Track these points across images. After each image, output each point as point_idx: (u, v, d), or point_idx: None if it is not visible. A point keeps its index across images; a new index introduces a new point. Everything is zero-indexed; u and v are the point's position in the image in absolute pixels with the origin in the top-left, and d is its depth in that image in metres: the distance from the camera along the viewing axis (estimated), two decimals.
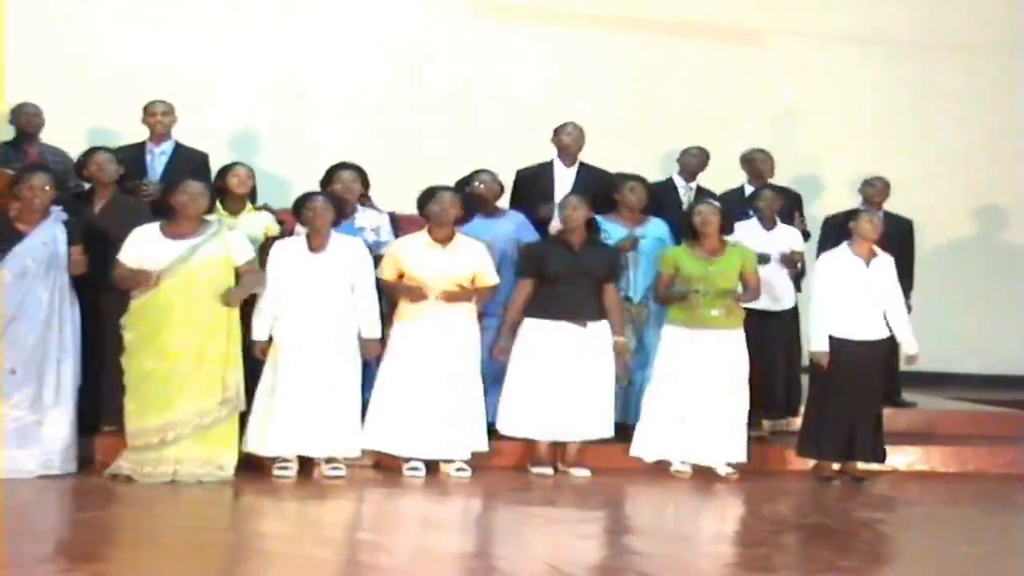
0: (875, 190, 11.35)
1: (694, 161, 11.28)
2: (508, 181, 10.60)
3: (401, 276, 9.39)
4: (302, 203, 9.20)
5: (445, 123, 13.67)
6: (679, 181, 11.20)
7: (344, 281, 9.16)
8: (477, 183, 10.16)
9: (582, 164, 10.86)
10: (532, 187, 10.68)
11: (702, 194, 11.00)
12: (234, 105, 13.18)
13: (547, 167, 10.83)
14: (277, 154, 12.98)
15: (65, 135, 10.68)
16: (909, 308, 10.75)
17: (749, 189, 11.22)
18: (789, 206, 11.08)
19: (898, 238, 11.23)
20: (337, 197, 9.48)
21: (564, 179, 10.73)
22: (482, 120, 13.73)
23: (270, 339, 9.08)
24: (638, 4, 14.46)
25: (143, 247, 8.81)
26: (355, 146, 11.47)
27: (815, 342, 9.83)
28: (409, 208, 9.96)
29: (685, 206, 10.83)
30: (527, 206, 10.50)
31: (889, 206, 11.41)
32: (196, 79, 12.82)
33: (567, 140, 10.83)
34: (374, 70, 13.82)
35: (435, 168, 10.59)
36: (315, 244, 9.15)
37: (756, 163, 11.29)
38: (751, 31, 14.72)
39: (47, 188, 8.81)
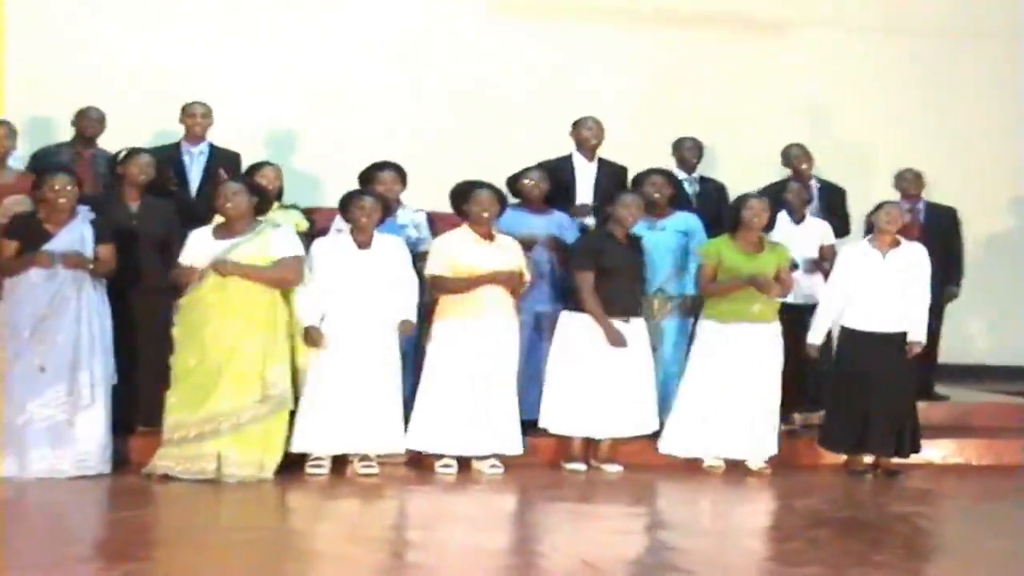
0: (907, 182, 11.38)
1: (689, 153, 11.26)
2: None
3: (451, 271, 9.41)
4: (349, 201, 9.23)
5: (465, 121, 13.65)
6: (681, 174, 11.13)
7: (389, 278, 9.20)
8: (527, 179, 10.19)
9: (602, 159, 10.87)
10: (553, 181, 10.60)
11: (706, 185, 11.14)
12: (261, 105, 13.16)
13: (567, 161, 10.82)
14: (305, 153, 13.04)
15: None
16: (955, 296, 10.80)
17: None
18: (836, 202, 11.22)
19: (941, 228, 11.27)
20: (383, 196, 9.53)
21: (585, 174, 10.75)
22: (505, 116, 13.69)
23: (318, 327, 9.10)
24: None
25: (196, 247, 8.88)
26: (384, 145, 11.44)
27: (811, 334, 9.92)
28: (436, 205, 10.09)
29: (694, 200, 10.94)
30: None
31: (927, 196, 11.42)
32: (226, 78, 12.85)
33: (587, 134, 10.82)
34: (401, 70, 13.80)
35: (461, 166, 10.61)
36: (362, 241, 9.19)
37: (789, 157, 11.29)
38: (771, 22, 14.68)
39: (69, 188, 8.85)
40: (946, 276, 11.11)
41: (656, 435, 9.81)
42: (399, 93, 13.70)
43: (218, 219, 9.04)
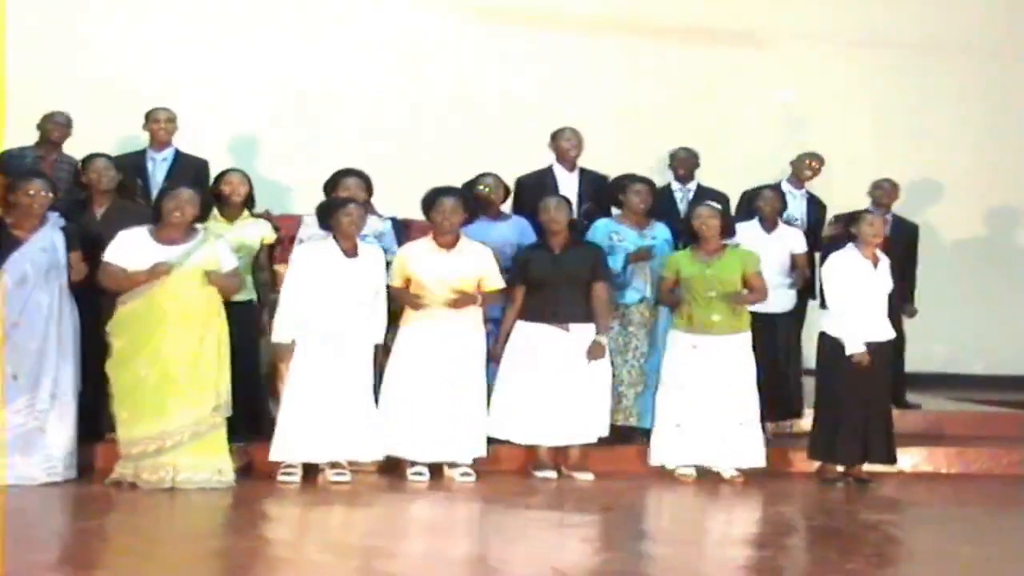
0: (883, 192, 11.44)
1: (685, 164, 11.30)
2: (508, 183, 10.59)
3: (408, 281, 9.41)
4: (336, 209, 9.20)
5: (444, 127, 13.78)
6: (676, 185, 11.20)
7: (372, 286, 9.21)
8: (482, 186, 10.18)
9: (583, 169, 10.88)
10: (536, 194, 10.53)
11: (704, 194, 11.02)
12: (234, 111, 13.24)
13: (547, 173, 10.83)
14: (277, 160, 13.03)
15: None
16: (914, 314, 10.86)
17: (787, 188, 11.29)
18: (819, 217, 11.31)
19: (905, 242, 11.33)
20: (366, 204, 9.52)
21: (567, 184, 10.74)
22: (481, 124, 13.79)
23: (291, 343, 9.10)
24: (637, 9, 14.52)
25: (131, 250, 8.77)
26: (355, 151, 11.46)
27: (851, 345, 9.74)
28: (408, 211, 10.06)
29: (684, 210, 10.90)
30: (528, 212, 10.45)
31: (896, 207, 11.46)
32: (195, 85, 12.88)
33: (566, 145, 10.83)
34: (373, 75, 13.87)
35: (435, 172, 10.67)
36: (348, 249, 9.17)
37: (806, 167, 11.41)
38: (752, 37, 14.77)
39: (43, 194, 8.82)
40: (902, 294, 11.12)
41: (625, 443, 9.85)
42: (384, 100, 13.82)
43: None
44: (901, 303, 11.13)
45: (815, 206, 11.41)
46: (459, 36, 14.21)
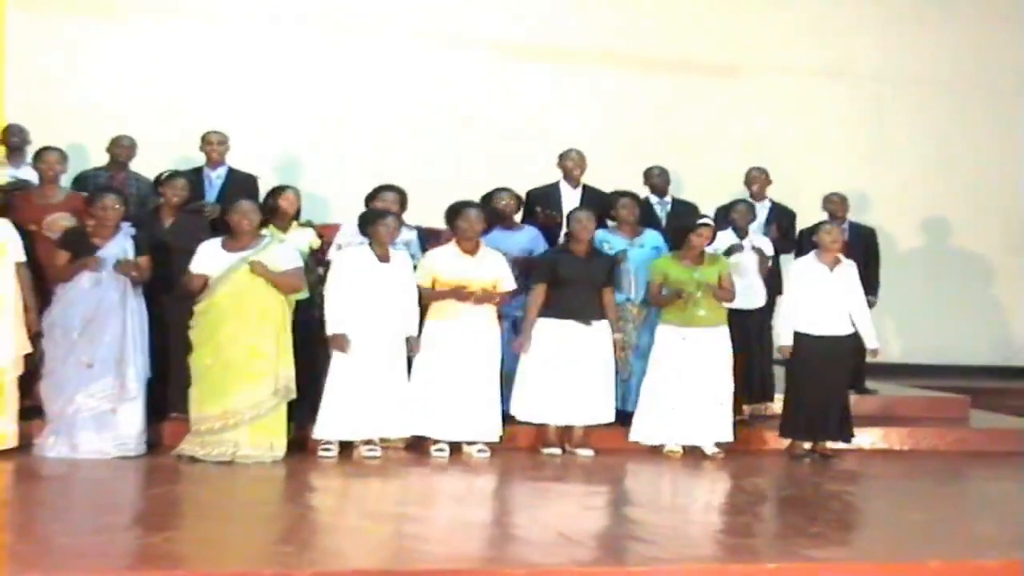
0: (834, 205, 11.42)
1: (659, 179, 11.28)
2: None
3: (434, 281, 9.45)
4: (375, 219, 9.25)
5: (456, 147, 13.76)
6: (654, 199, 11.21)
7: (403, 287, 9.25)
8: (501, 200, 10.24)
9: (585, 186, 10.91)
10: (544, 205, 10.71)
11: (680, 206, 11.11)
12: (278, 134, 13.26)
13: (554, 188, 10.87)
14: (315, 176, 13.08)
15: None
16: (873, 305, 10.90)
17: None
18: (788, 224, 11.32)
19: (863, 245, 11.38)
20: (398, 216, 9.58)
21: (571, 199, 10.75)
22: (488, 145, 13.81)
23: (342, 335, 9.12)
24: (627, 45, 14.56)
25: (207, 259, 8.90)
26: (379, 168, 11.46)
27: (782, 337, 9.99)
28: (427, 221, 10.15)
29: (664, 220, 10.96)
30: (537, 220, 10.58)
31: (856, 218, 11.52)
32: (246, 111, 12.90)
33: (570, 165, 10.87)
34: (397, 105, 13.89)
35: (449, 186, 10.73)
36: (382, 254, 9.24)
37: (753, 179, 11.38)
38: (727, 68, 14.83)
39: (117, 207, 8.91)
40: (866, 287, 11.19)
41: (624, 424, 9.86)
42: (400, 123, 13.82)
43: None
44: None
45: (783, 214, 11.41)
46: (469, 69, 14.20)
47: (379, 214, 9.34)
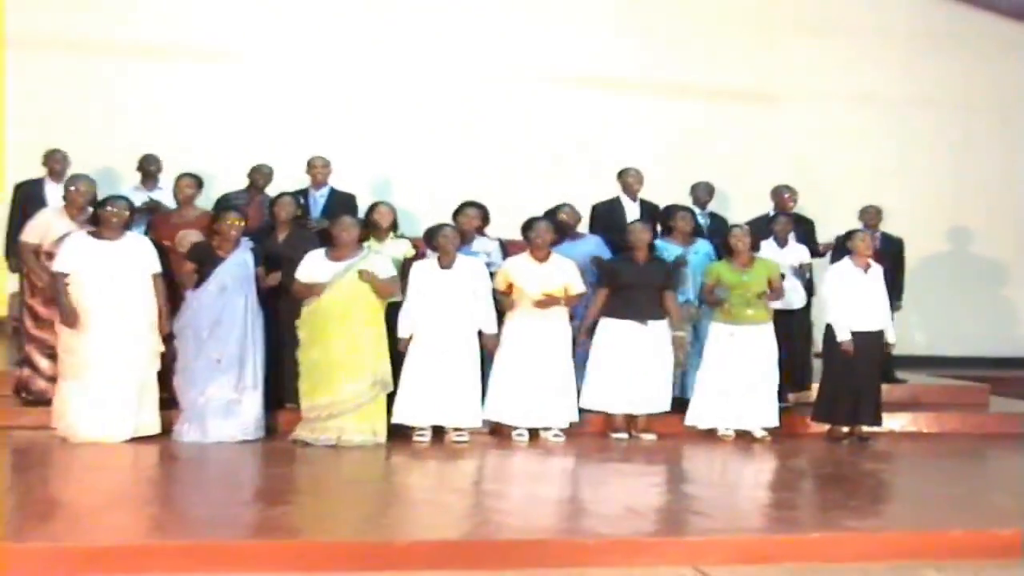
0: (868, 216, 11.36)
1: (703, 194, 11.27)
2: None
3: (510, 286, 9.50)
4: (435, 232, 9.32)
5: (522, 168, 13.84)
6: (696, 211, 11.05)
7: (466, 291, 9.25)
8: (562, 213, 10.24)
9: (643, 200, 10.95)
10: (607, 217, 10.74)
11: (716, 220, 11.10)
12: (376, 158, 13.37)
13: (616, 202, 10.90)
14: (407, 193, 13.17)
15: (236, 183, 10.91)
16: (899, 307, 10.86)
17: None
18: (808, 230, 11.22)
19: (892, 253, 11.31)
20: (461, 228, 9.64)
21: (632, 211, 10.81)
22: (548, 164, 13.90)
23: (410, 337, 9.20)
24: (675, 73, 14.54)
25: (312, 267, 9.00)
26: (461, 187, 11.55)
27: (840, 335, 9.79)
28: (510, 234, 10.16)
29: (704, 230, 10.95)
30: (603, 231, 10.59)
31: (885, 228, 11.47)
32: (345, 137, 13.04)
33: (631, 181, 10.93)
34: (474, 133, 13.99)
35: (516, 203, 10.73)
36: (444, 263, 9.28)
37: (780, 196, 11.29)
38: (766, 95, 14.79)
39: (238, 223, 9.03)
40: (893, 292, 11.14)
41: (682, 411, 9.85)
42: (476, 147, 13.92)
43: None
44: (893, 301, 11.11)
45: (802, 223, 11.32)
46: (534, 98, 14.26)
47: (438, 227, 9.40)
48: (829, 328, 9.94)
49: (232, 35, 13.51)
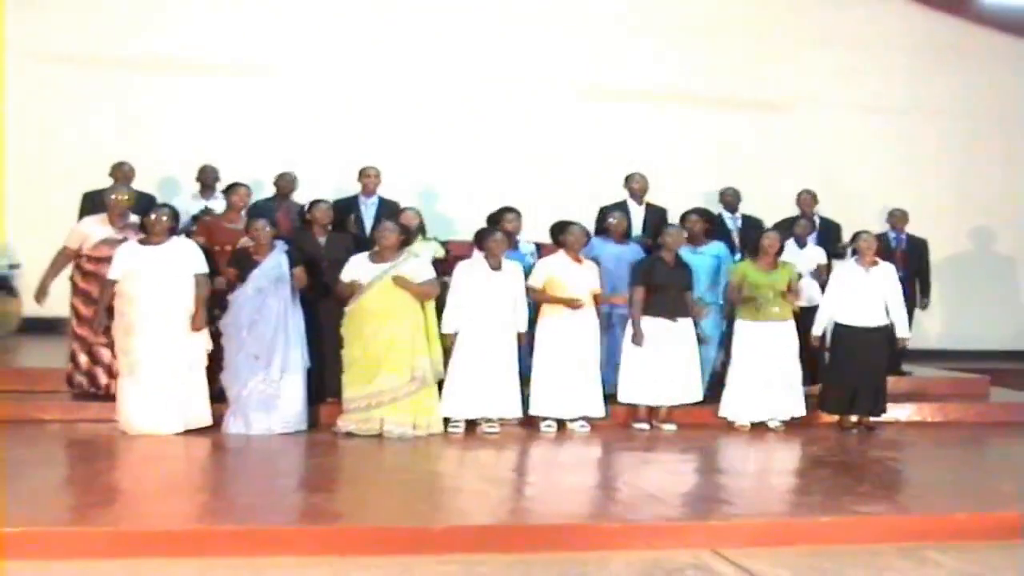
0: (896, 218, 11.45)
1: (731, 198, 11.31)
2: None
3: (546, 282, 9.46)
4: (485, 236, 9.32)
5: (548, 175, 13.83)
6: (726, 215, 11.16)
7: (512, 291, 9.28)
8: (611, 219, 10.18)
9: (648, 204, 10.91)
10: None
11: (749, 221, 11.07)
12: (415, 166, 13.35)
13: (623, 204, 10.81)
14: (443, 201, 13.26)
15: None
16: (927, 305, 10.99)
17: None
18: (835, 234, 11.29)
19: (918, 252, 11.34)
20: (509, 232, 9.63)
21: (636, 214, 10.77)
22: (574, 172, 13.88)
23: (455, 333, 9.19)
24: (698, 84, 14.55)
25: (356, 269, 9.02)
26: (496, 194, 11.47)
27: (816, 329, 9.96)
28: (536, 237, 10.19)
29: (735, 232, 10.97)
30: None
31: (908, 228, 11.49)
32: (388, 150, 13.00)
33: (636, 186, 10.88)
34: (512, 140, 14.03)
35: (545, 206, 10.79)
36: (494, 265, 9.29)
37: (802, 200, 11.31)
38: (786, 104, 14.78)
39: (266, 229, 9.06)
40: (921, 289, 11.20)
41: (700, 402, 9.83)
42: (511, 158, 13.92)
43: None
44: (920, 298, 11.45)
45: (829, 226, 11.36)
46: (557, 107, 14.32)
47: (489, 231, 9.40)
48: (837, 325, 9.92)
49: (260, 49, 13.64)
